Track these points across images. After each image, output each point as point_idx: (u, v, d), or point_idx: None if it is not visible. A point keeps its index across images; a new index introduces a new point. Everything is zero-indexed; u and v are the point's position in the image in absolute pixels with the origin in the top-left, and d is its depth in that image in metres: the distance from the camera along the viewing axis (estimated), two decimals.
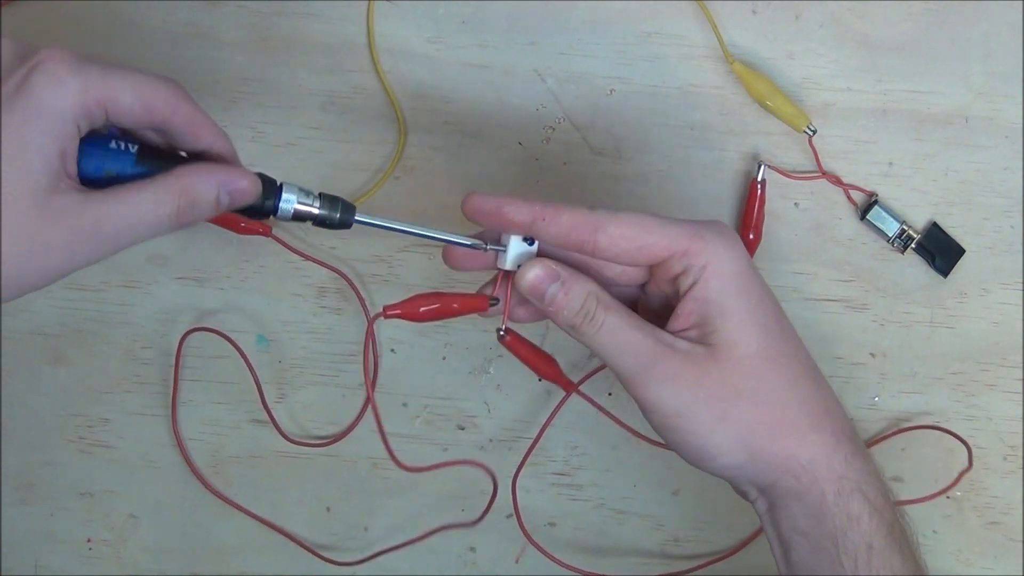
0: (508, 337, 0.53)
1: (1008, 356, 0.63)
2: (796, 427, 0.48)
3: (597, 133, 0.63)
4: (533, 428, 0.63)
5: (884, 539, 0.47)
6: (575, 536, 0.64)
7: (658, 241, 0.48)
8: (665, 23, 0.63)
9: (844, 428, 0.49)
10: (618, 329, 0.48)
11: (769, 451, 0.48)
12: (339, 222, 0.49)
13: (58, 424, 0.63)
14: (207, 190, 0.45)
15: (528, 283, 0.49)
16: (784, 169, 0.62)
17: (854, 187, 0.63)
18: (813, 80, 0.63)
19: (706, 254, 0.48)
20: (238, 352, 0.62)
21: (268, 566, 0.64)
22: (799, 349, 0.50)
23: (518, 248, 0.50)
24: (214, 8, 0.63)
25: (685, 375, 0.48)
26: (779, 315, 0.49)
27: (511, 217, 0.48)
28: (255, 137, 0.63)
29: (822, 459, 0.48)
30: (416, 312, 0.53)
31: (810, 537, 0.48)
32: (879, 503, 0.48)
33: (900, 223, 0.62)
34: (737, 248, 0.49)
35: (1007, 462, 0.63)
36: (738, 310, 0.48)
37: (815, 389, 0.49)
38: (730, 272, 0.48)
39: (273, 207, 0.48)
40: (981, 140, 0.63)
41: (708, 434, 0.48)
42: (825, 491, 0.47)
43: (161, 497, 0.64)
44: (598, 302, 0.48)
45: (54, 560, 0.64)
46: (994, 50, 0.63)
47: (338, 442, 0.63)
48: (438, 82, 0.63)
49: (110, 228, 0.43)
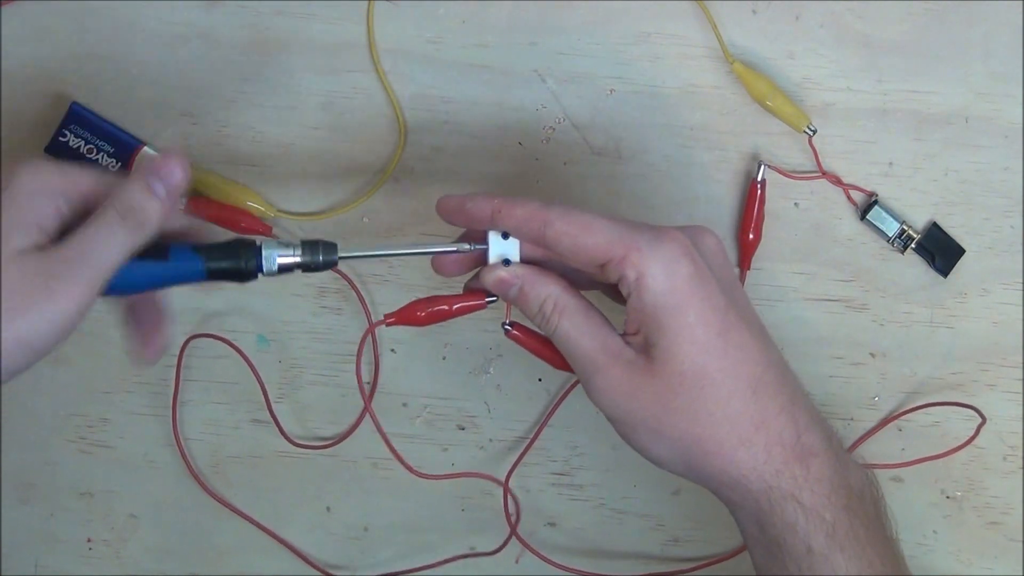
0: (514, 330, 0.53)
1: (1008, 356, 0.63)
2: (724, 445, 0.49)
3: (597, 133, 0.63)
4: (533, 428, 0.63)
5: (824, 541, 0.48)
6: (575, 536, 0.64)
7: (597, 244, 0.48)
8: (665, 23, 0.63)
9: (781, 439, 0.49)
10: (568, 335, 0.50)
11: (702, 465, 0.49)
12: (323, 264, 0.50)
13: (58, 424, 0.63)
14: (135, 189, 0.47)
15: (489, 287, 0.51)
16: (784, 169, 0.62)
17: (854, 187, 0.63)
18: (813, 80, 0.63)
19: (640, 266, 0.48)
20: (241, 356, 0.62)
21: (268, 566, 0.64)
22: (741, 363, 0.49)
23: (497, 244, 0.51)
24: (214, 8, 0.63)
25: (624, 386, 0.49)
26: (724, 329, 0.48)
27: (473, 213, 0.50)
28: (255, 137, 0.63)
29: (750, 473, 0.49)
30: (415, 317, 0.53)
31: (760, 542, 0.50)
32: (818, 506, 0.48)
33: (900, 223, 0.62)
34: (678, 261, 0.48)
35: (1007, 462, 0.63)
36: (672, 326, 0.48)
37: (751, 404, 0.49)
38: (663, 287, 0.48)
39: (256, 267, 0.49)
40: (981, 140, 0.63)
41: (647, 444, 0.50)
42: (759, 501, 0.49)
43: (161, 497, 0.64)
44: (554, 306, 0.50)
45: (54, 560, 0.64)
46: (994, 50, 0.63)
47: (339, 443, 0.63)
48: (438, 82, 0.63)
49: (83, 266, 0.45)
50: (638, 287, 0.48)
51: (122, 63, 0.63)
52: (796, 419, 0.49)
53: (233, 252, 0.49)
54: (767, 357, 0.50)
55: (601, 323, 0.50)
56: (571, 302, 0.50)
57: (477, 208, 0.50)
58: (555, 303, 0.50)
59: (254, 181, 0.63)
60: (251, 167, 0.63)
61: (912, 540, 0.63)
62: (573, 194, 0.63)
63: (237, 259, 0.49)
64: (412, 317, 0.53)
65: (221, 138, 0.63)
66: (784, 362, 0.51)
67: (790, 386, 0.50)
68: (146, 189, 0.47)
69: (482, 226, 0.51)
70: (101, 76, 0.62)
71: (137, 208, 0.47)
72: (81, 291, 0.45)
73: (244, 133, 0.63)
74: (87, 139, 0.61)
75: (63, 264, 0.45)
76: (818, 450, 0.49)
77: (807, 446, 0.49)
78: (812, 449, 0.49)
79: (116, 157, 0.61)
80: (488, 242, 0.51)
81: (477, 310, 0.53)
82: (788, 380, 0.50)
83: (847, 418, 0.63)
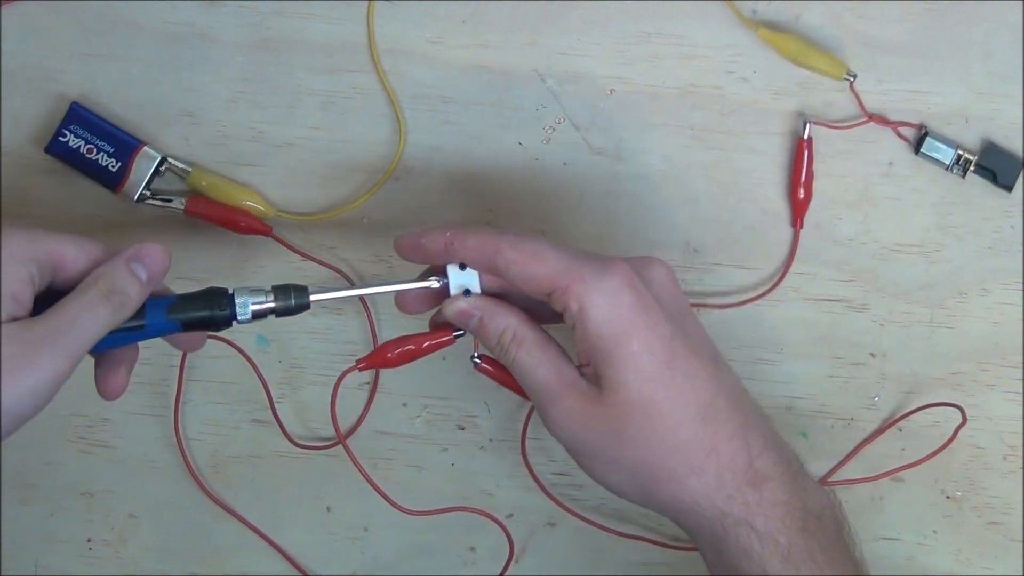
0: (483, 363, 0.54)
1: (1008, 356, 0.63)
2: (675, 472, 0.49)
3: (597, 133, 0.63)
4: (533, 428, 0.63)
5: (780, 565, 0.48)
6: (575, 536, 0.64)
7: (545, 274, 0.49)
8: (665, 23, 0.63)
9: (732, 465, 0.49)
10: (525, 366, 0.50)
11: (656, 493, 0.50)
12: (295, 308, 0.51)
13: (58, 424, 0.63)
14: (117, 269, 0.48)
15: (450, 318, 0.51)
16: (828, 121, 0.62)
17: (902, 123, 0.62)
18: (813, 79, 0.63)
19: (582, 297, 0.48)
20: (244, 357, 0.62)
21: (268, 567, 0.64)
22: (688, 392, 0.49)
23: (456, 276, 0.51)
24: (214, 8, 0.63)
25: (578, 416, 0.49)
26: (670, 358, 0.49)
27: (428, 247, 0.51)
28: (255, 137, 0.63)
29: (702, 500, 0.49)
30: (385, 359, 0.54)
31: (718, 567, 0.50)
32: (773, 530, 0.48)
33: (955, 148, 0.62)
34: (620, 292, 0.48)
35: (1007, 462, 0.63)
36: (617, 355, 0.48)
37: (700, 431, 0.49)
38: (605, 318, 0.48)
39: (231, 315, 0.50)
40: (981, 140, 0.63)
41: (604, 474, 0.50)
42: (714, 527, 0.49)
43: (161, 497, 0.64)
44: (512, 337, 0.50)
45: (54, 560, 0.64)
46: (994, 50, 0.63)
47: (339, 443, 0.63)
48: (438, 82, 0.63)
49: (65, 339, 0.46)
50: (581, 318, 0.48)
51: (122, 63, 0.63)
52: (748, 444, 0.49)
53: (207, 303, 0.50)
54: (716, 384, 0.50)
55: (557, 355, 0.51)
56: (528, 334, 0.50)
57: (431, 242, 0.51)
58: (513, 334, 0.50)
59: (254, 181, 0.63)
60: (251, 167, 0.63)
61: (912, 540, 0.63)
62: (573, 195, 0.63)
63: (211, 309, 0.50)
64: (383, 360, 0.54)
65: (221, 138, 0.63)
66: (739, 387, 0.51)
67: (744, 411, 0.50)
68: (129, 273, 0.48)
69: (439, 260, 0.51)
70: (101, 76, 0.62)
71: (119, 290, 0.48)
72: (62, 362, 0.46)
73: (244, 133, 0.63)
74: (87, 139, 0.61)
75: (46, 335, 0.46)
76: (772, 474, 0.49)
77: (760, 471, 0.49)
78: (765, 474, 0.49)
79: (116, 157, 0.61)
80: (447, 274, 0.51)
81: (446, 346, 0.53)
82: (742, 405, 0.50)
83: (847, 418, 0.63)
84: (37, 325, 0.46)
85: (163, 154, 0.62)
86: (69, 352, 0.46)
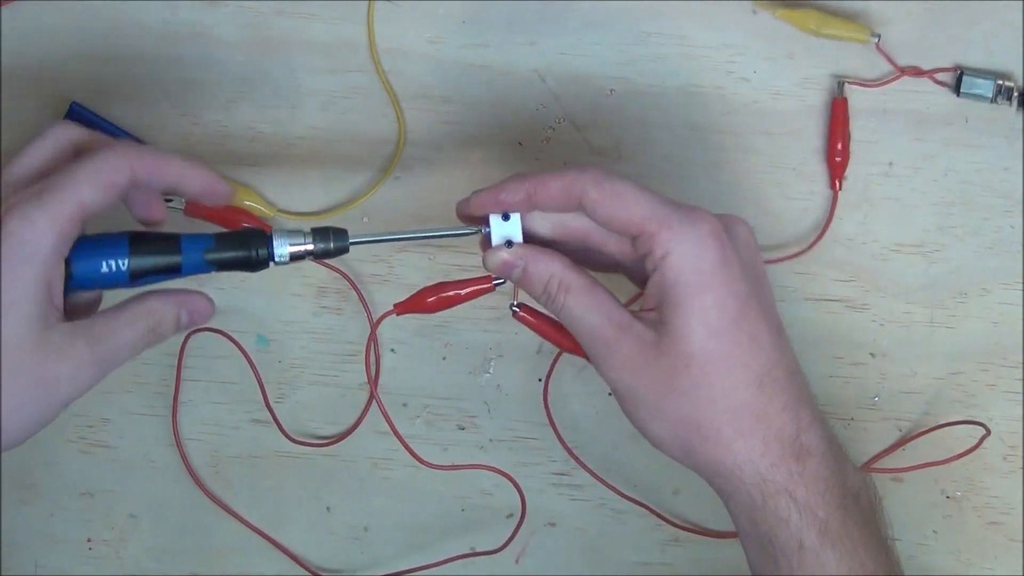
0: (522, 311, 0.53)
1: (1008, 356, 0.63)
2: (721, 434, 0.49)
3: (597, 133, 0.63)
4: (533, 428, 0.63)
5: (816, 537, 0.48)
6: (575, 536, 0.64)
7: (631, 218, 0.48)
8: (665, 23, 0.63)
9: (780, 434, 0.49)
10: (574, 312, 0.50)
11: (698, 451, 0.49)
12: (335, 250, 0.50)
13: (58, 424, 0.63)
14: (168, 311, 0.51)
15: (493, 270, 0.51)
16: (862, 80, 0.62)
17: (937, 69, 0.62)
18: (814, 80, 0.63)
19: (669, 243, 0.48)
20: (242, 353, 0.62)
21: (268, 567, 0.64)
22: (751, 354, 0.49)
23: (499, 226, 0.51)
24: (214, 8, 0.63)
25: (632, 360, 0.49)
26: (740, 317, 0.48)
27: (508, 200, 0.50)
28: (255, 137, 0.63)
29: (745, 465, 0.49)
30: (424, 304, 0.53)
31: (751, 537, 0.49)
32: (812, 503, 0.48)
33: (994, 80, 0.61)
34: (706, 243, 0.48)
35: (1007, 462, 0.63)
36: (689, 307, 0.48)
37: (755, 396, 0.49)
38: (689, 267, 0.48)
39: (268, 255, 0.49)
40: (981, 140, 0.63)
41: (647, 422, 0.50)
42: (752, 493, 0.49)
43: (161, 497, 0.64)
44: (559, 285, 0.50)
45: (54, 560, 0.64)
46: (994, 50, 0.63)
47: (339, 442, 0.63)
48: (438, 82, 0.63)
49: (100, 354, 0.49)
50: (663, 264, 0.48)
51: (122, 63, 0.63)
52: (799, 417, 0.49)
53: (244, 242, 0.49)
54: (779, 354, 0.50)
55: (607, 298, 0.50)
56: (576, 279, 0.50)
57: (510, 194, 0.50)
58: (560, 281, 0.50)
59: (254, 181, 0.63)
60: (251, 167, 0.63)
61: (912, 540, 0.63)
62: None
63: (248, 248, 0.49)
64: (421, 304, 0.53)
65: (221, 138, 0.63)
66: (795, 362, 0.51)
67: (797, 385, 0.50)
68: (176, 319, 0.52)
69: (517, 210, 0.51)
70: (101, 76, 0.62)
71: (162, 327, 0.51)
72: (93, 372, 0.48)
73: (244, 133, 0.63)
74: None
75: (92, 362, 0.48)
76: (816, 450, 0.49)
77: (805, 445, 0.49)
78: (810, 449, 0.49)
79: None
80: (490, 224, 0.51)
81: (486, 293, 0.53)
82: (796, 380, 0.50)
83: (847, 418, 0.63)
84: (85, 346, 0.48)
85: None
86: (102, 363, 0.49)
